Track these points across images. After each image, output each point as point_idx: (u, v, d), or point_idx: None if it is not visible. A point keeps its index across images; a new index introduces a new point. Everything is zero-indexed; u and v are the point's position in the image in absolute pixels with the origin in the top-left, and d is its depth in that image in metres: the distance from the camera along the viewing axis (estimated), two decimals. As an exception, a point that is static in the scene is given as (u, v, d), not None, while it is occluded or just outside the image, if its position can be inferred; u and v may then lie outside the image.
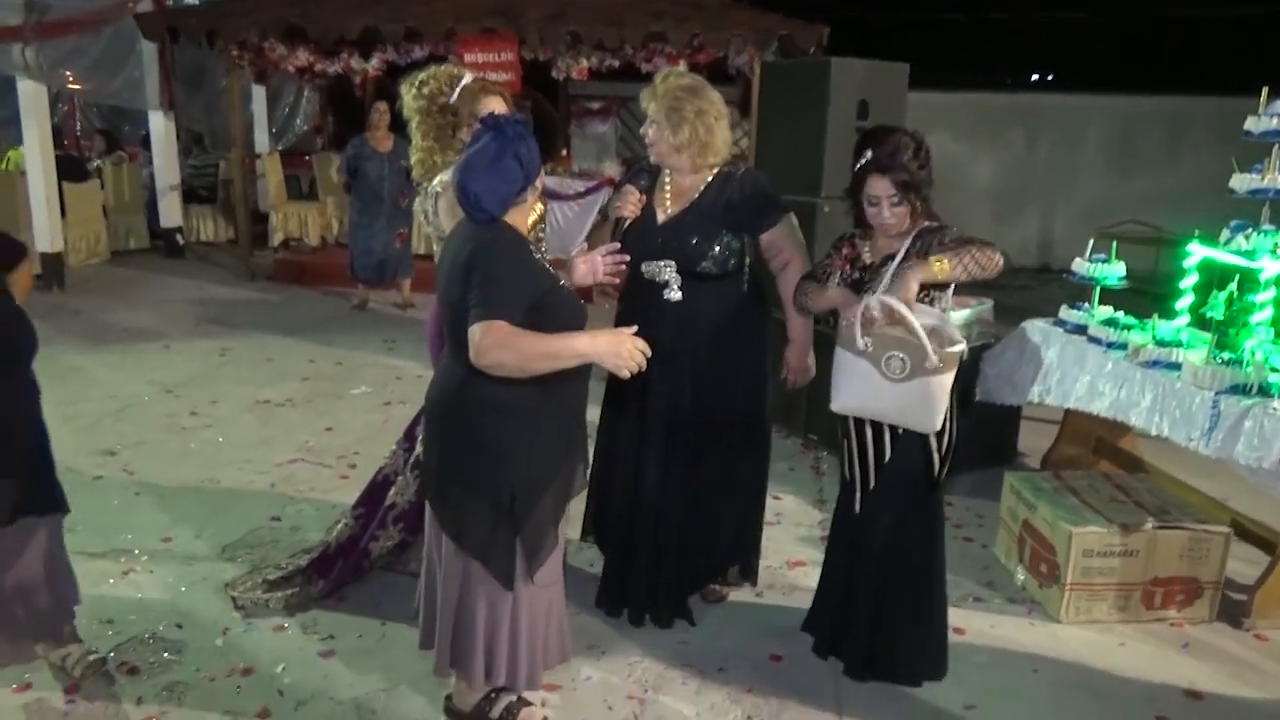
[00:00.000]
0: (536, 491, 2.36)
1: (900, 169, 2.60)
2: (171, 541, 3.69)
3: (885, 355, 2.58)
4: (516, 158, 2.26)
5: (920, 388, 2.57)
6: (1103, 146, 10.87)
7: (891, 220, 2.66)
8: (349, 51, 8.32)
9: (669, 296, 2.96)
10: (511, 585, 2.39)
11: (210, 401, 5.37)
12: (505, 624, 2.42)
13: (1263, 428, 3.13)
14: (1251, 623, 3.32)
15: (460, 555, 2.41)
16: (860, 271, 2.77)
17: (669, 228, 2.97)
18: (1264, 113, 3.55)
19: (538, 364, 2.20)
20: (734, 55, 7.76)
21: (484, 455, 2.35)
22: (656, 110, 2.92)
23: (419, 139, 3.07)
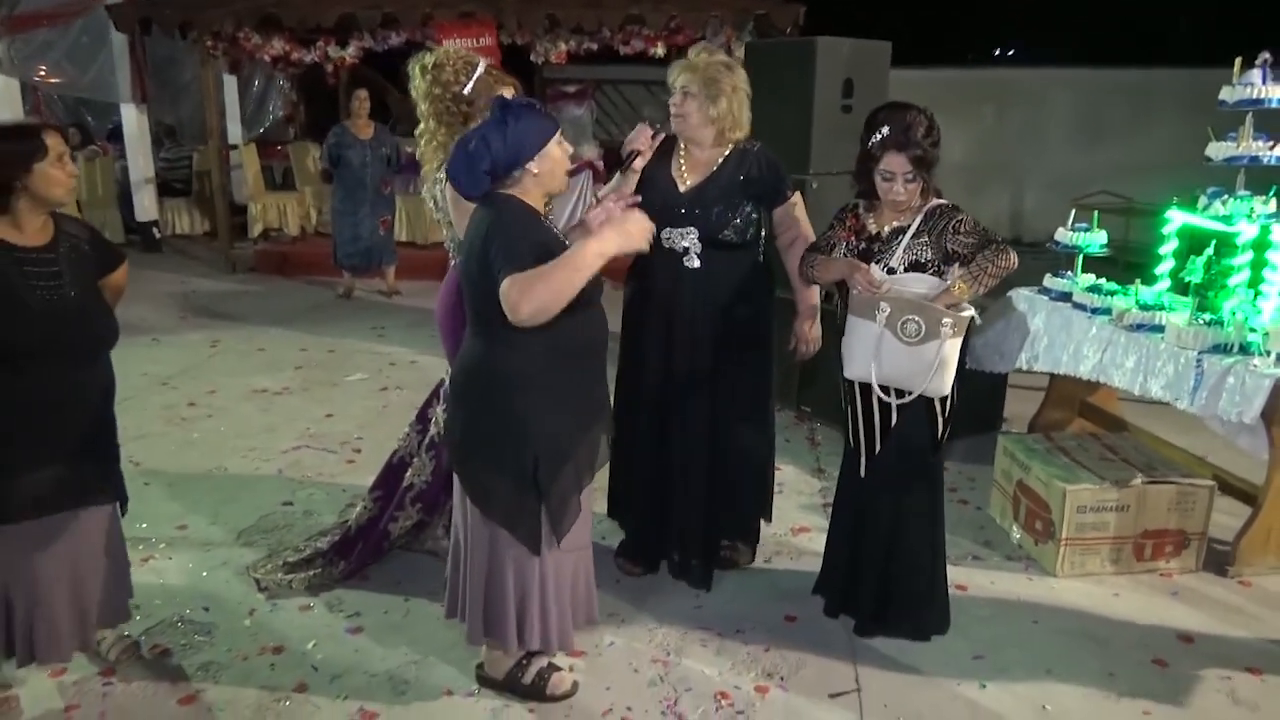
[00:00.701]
0: (559, 460, 2.44)
1: (915, 145, 2.71)
2: (187, 529, 3.74)
3: (901, 320, 2.71)
4: (485, 140, 2.33)
5: (934, 350, 2.69)
6: (1071, 119, 11.05)
7: (904, 196, 2.76)
8: (325, 39, 8.29)
9: (689, 264, 3.06)
10: (539, 550, 2.48)
11: (207, 392, 5.40)
12: (535, 589, 2.51)
13: (1244, 384, 3.28)
14: (1236, 570, 3.49)
15: (487, 524, 2.49)
16: (866, 241, 2.88)
17: (692, 197, 3.07)
18: (1238, 82, 3.69)
19: (567, 284, 2.23)
20: (711, 36, 7.82)
21: (507, 426, 2.43)
22: (692, 82, 3.00)
23: (429, 123, 3.11)
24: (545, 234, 2.40)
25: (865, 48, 5.27)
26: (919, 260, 2.79)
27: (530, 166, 2.38)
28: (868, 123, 2.82)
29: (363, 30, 8.18)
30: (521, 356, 2.40)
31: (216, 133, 8.95)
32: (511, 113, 2.35)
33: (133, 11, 8.56)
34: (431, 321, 3.09)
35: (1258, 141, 3.65)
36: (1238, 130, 3.70)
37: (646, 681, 2.83)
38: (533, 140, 2.37)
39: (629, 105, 12.36)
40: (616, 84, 12.17)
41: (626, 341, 3.25)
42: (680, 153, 3.12)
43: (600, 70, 11.47)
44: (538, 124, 2.38)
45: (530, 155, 2.37)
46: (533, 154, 2.38)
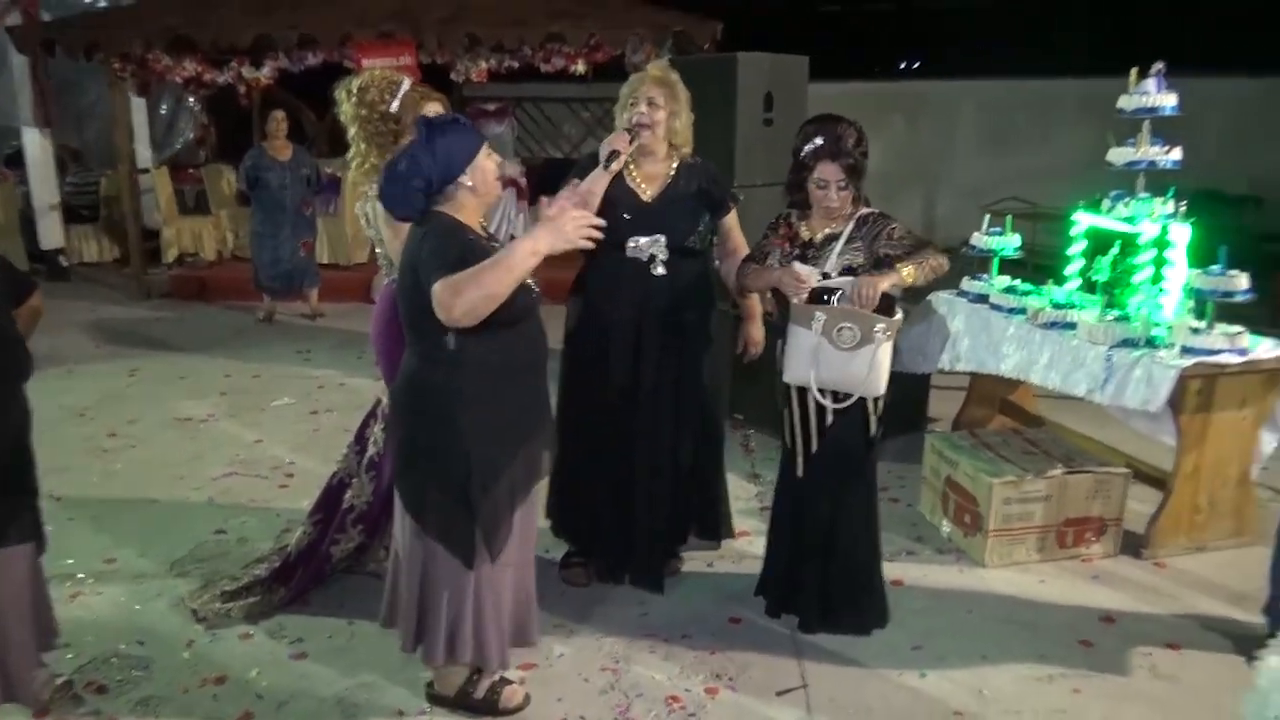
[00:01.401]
0: (494, 475, 2.46)
1: (847, 154, 2.84)
2: (116, 562, 3.64)
3: (837, 327, 2.82)
4: (415, 159, 2.36)
5: (869, 355, 2.81)
6: (978, 128, 11.47)
7: (837, 203, 2.88)
8: (239, 60, 8.14)
9: (655, 271, 3.12)
10: (471, 565, 2.49)
11: (128, 422, 5.25)
12: (468, 603, 2.52)
13: (1151, 375, 3.47)
14: (1151, 552, 3.67)
15: (422, 536, 2.51)
16: (801, 248, 2.98)
17: (657, 207, 3.14)
18: (1134, 91, 3.91)
19: (498, 284, 2.24)
20: (631, 53, 7.92)
21: (443, 441, 2.45)
22: (660, 95, 3.09)
23: (359, 145, 3.13)
24: (477, 247, 2.40)
25: (784, 62, 5.40)
26: (852, 265, 2.90)
27: (464, 180, 2.41)
28: (800, 134, 2.93)
29: (278, 51, 8.05)
30: (458, 372, 2.42)
31: (127, 156, 8.69)
32: (437, 130, 2.38)
33: (35, 33, 8.30)
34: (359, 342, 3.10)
35: (1154, 146, 3.87)
36: (1136, 136, 3.91)
37: (598, 690, 2.85)
38: (463, 154, 2.40)
39: (550, 122, 12.40)
40: (537, 101, 12.19)
41: (580, 354, 3.28)
42: (630, 167, 3.17)
43: (521, 88, 11.47)
44: (465, 137, 2.41)
45: (462, 169, 2.40)
46: (464, 167, 2.41)
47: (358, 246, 9.10)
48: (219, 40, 7.96)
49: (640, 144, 3.12)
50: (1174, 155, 3.86)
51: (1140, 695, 2.84)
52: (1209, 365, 3.47)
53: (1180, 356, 3.49)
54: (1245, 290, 3.50)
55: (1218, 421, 3.58)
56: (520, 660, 2.91)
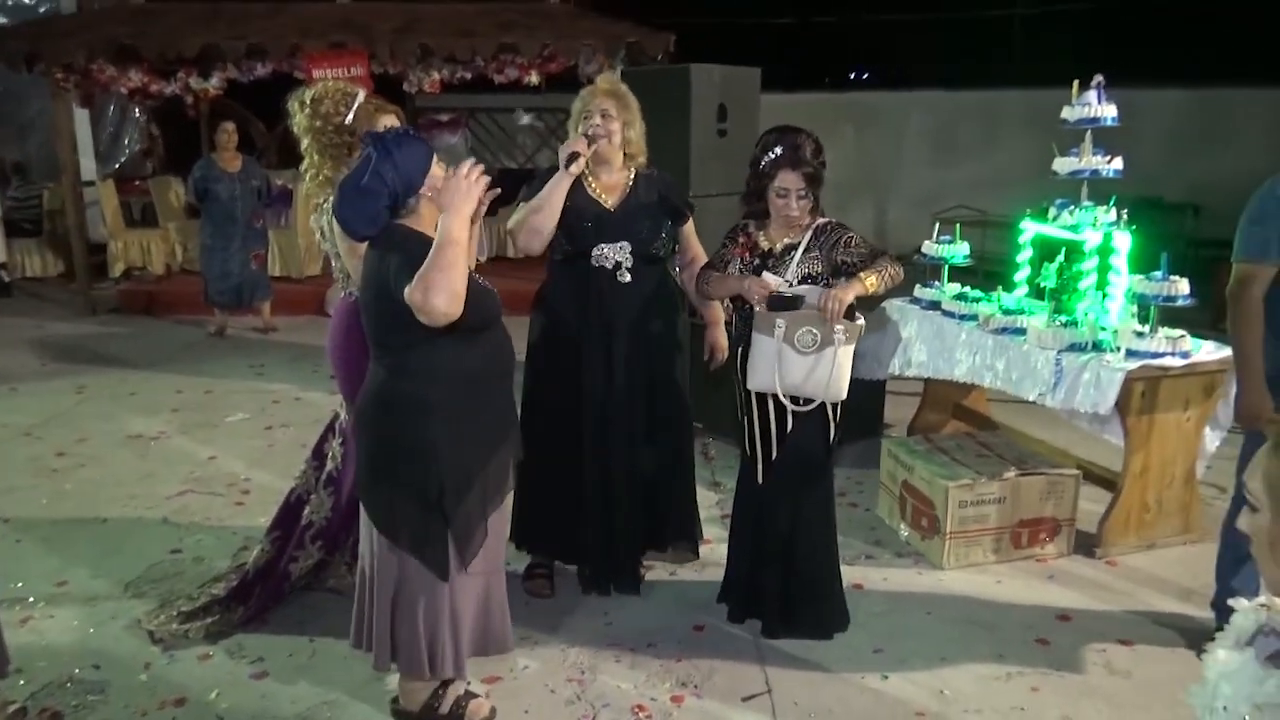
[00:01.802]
0: (465, 485, 2.46)
1: (807, 164, 2.89)
2: (68, 584, 3.55)
3: (798, 331, 2.87)
4: (379, 174, 2.35)
5: (829, 357, 2.85)
6: (926, 139, 11.68)
7: (796, 212, 2.92)
8: (187, 71, 8.02)
9: (621, 279, 3.15)
10: (447, 576, 2.48)
11: (77, 440, 5.14)
12: (445, 615, 2.51)
13: (1099, 378, 3.57)
14: (1103, 551, 3.76)
15: (394, 551, 2.49)
16: (760, 258, 3.02)
17: (622, 214, 3.18)
18: (1076, 103, 4.02)
19: (455, 259, 2.24)
20: (584, 64, 7.94)
21: (411, 453, 2.44)
22: (613, 106, 3.14)
23: (313, 157, 3.11)
24: None
25: (736, 74, 5.48)
26: (811, 274, 2.95)
27: (424, 191, 2.41)
28: (759, 144, 2.98)
29: (227, 61, 7.95)
30: (425, 383, 2.42)
31: (70, 169, 8.50)
32: (394, 142, 2.38)
33: (-28, 44, 8.10)
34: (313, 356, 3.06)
35: (1097, 156, 3.98)
36: (1079, 146, 4.02)
37: (564, 701, 2.86)
38: (421, 164, 2.41)
39: (504, 133, 12.38)
40: (490, 112, 12.17)
41: (548, 364, 3.29)
42: (588, 178, 3.19)
43: (474, 99, 11.45)
44: (419, 148, 2.43)
45: (422, 179, 2.41)
46: (423, 177, 2.41)
47: (310, 259, 9.01)
48: (165, 50, 7.83)
49: (597, 153, 3.15)
50: (1116, 164, 3.97)
51: (1096, 691, 2.91)
52: (1153, 368, 3.57)
53: (1125, 360, 3.59)
54: (1186, 295, 3.61)
55: (1162, 423, 3.69)
56: (485, 673, 2.91)
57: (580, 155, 3.08)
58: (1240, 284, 2.83)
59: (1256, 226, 2.81)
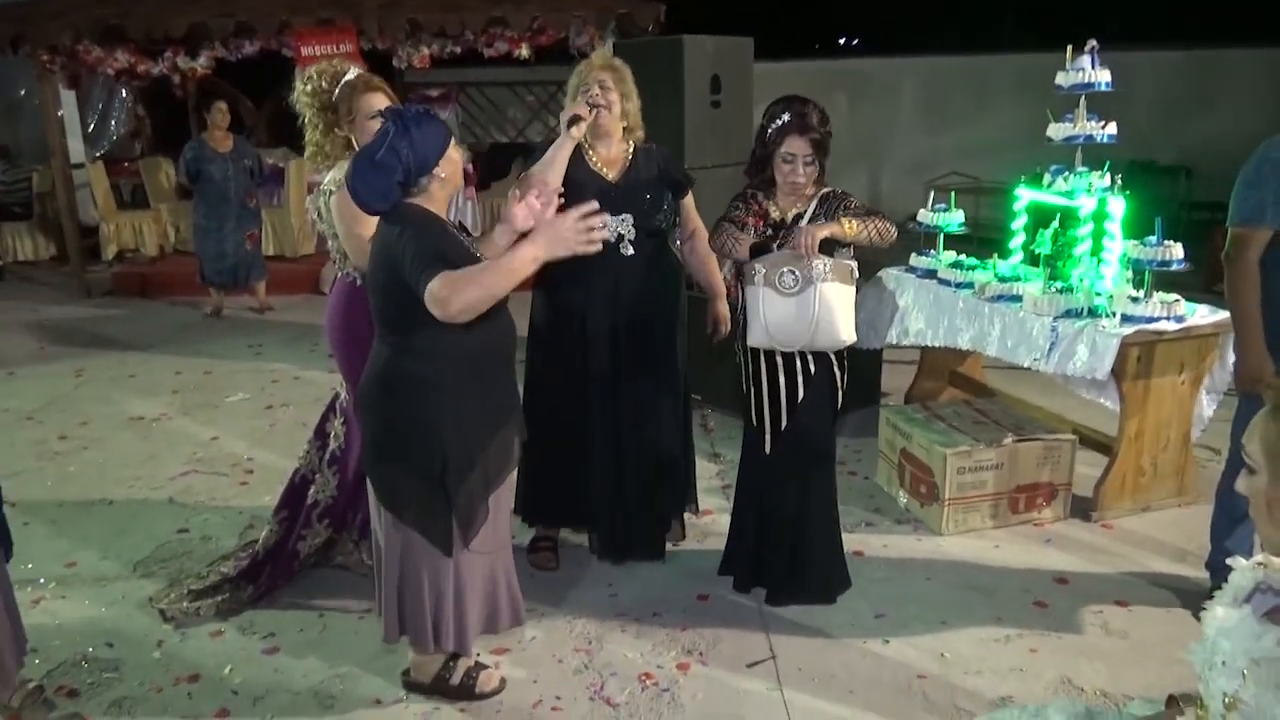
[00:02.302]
0: (467, 463, 2.49)
1: (814, 130, 2.91)
2: (77, 565, 3.59)
3: (778, 274, 2.90)
4: (394, 150, 2.36)
5: (815, 297, 2.88)
6: (917, 105, 11.64)
7: (802, 178, 2.94)
8: (174, 50, 7.95)
9: (624, 251, 3.17)
10: (451, 553, 2.52)
11: (79, 424, 5.15)
12: (449, 590, 2.56)
13: (1095, 344, 3.60)
14: (1099, 515, 3.82)
15: (399, 527, 2.53)
16: (772, 228, 3.03)
17: (623, 187, 3.19)
18: (1070, 68, 4.01)
19: (498, 287, 2.29)
20: (575, 36, 7.90)
21: (415, 431, 2.47)
22: (610, 78, 3.14)
23: (310, 132, 3.15)
24: (453, 240, 2.44)
25: (729, 44, 5.46)
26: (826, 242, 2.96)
27: (438, 171, 2.42)
28: (766, 113, 3.00)
29: (214, 40, 7.88)
30: (429, 362, 2.44)
31: (59, 151, 8.45)
32: (413, 120, 2.38)
33: (-44, 26, 8.01)
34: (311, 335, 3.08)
35: (1091, 122, 3.99)
36: (1073, 112, 4.03)
37: (572, 670, 2.91)
38: (438, 144, 2.41)
39: (494, 107, 12.32)
40: (481, 86, 12.10)
41: (553, 339, 3.30)
42: (588, 152, 3.20)
43: (464, 73, 11.37)
44: (438, 128, 2.43)
45: (437, 160, 2.41)
46: (439, 158, 2.42)
47: (304, 238, 8.99)
48: (152, 30, 7.76)
49: (598, 126, 3.15)
50: (1110, 130, 3.98)
51: (1094, 651, 2.96)
52: (1148, 333, 3.61)
53: (1121, 325, 3.62)
54: (1180, 260, 3.64)
55: (1158, 387, 3.73)
56: (494, 645, 2.96)
57: (582, 119, 3.07)
58: (1236, 248, 2.86)
59: (1251, 190, 2.82)
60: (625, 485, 3.33)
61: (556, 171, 3.06)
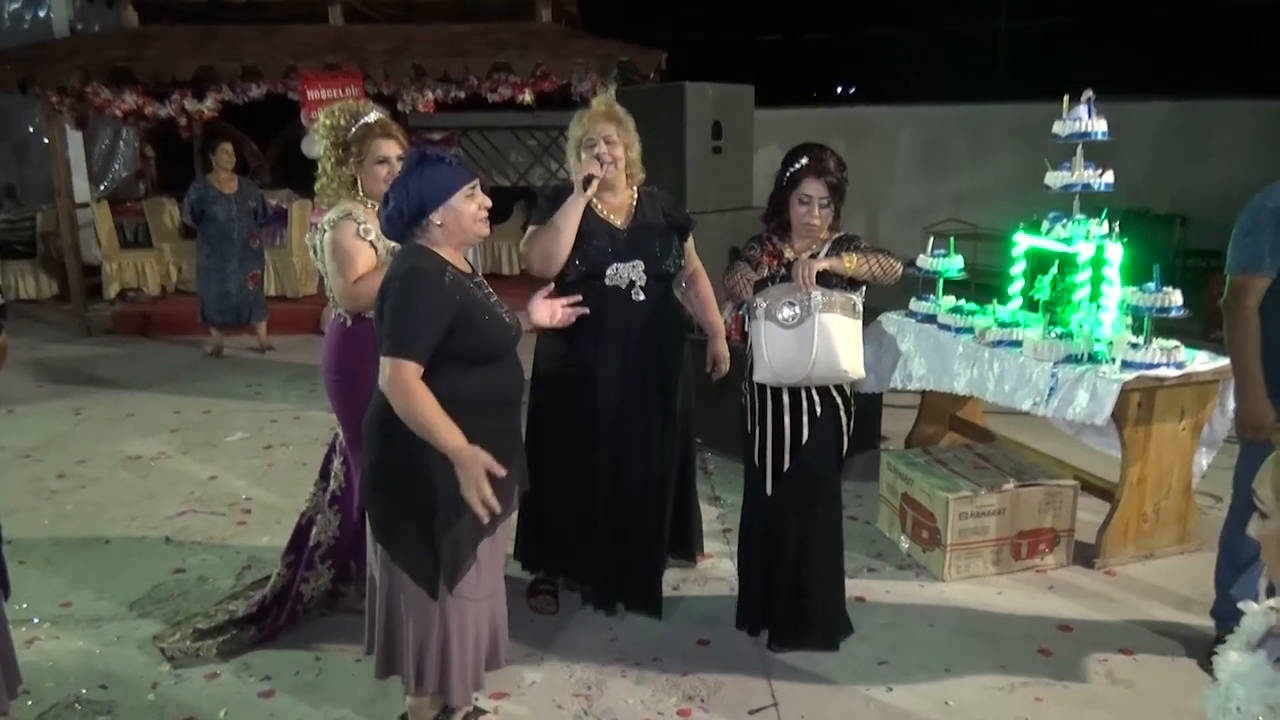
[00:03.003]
0: (455, 509, 2.44)
1: (830, 174, 2.96)
2: (72, 605, 3.56)
3: (778, 307, 2.93)
4: (394, 187, 2.41)
5: (815, 328, 2.89)
6: (916, 152, 11.79)
7: (817, 221, 2.98)
8: (182, 93, 8.05)
9: (635, 297, 3.18)
10: (436, 595, 2.49)
11: (76, 462, 5.13)
12: (434, 634, 2.52)
13: (1095, 389, 3.61)
14: (1102, 561, 3.80)
15: (389, 565, 2.51)
16: (786, 268, 3.05)
17: (632, 233, 3.21)
18: (1067, 117, 4.07)
19: (415, 425, 2.34)
20: (577, 82, 8.00)
21: (410, 471, 2.45)
22: (617, 130, 3.17)
23: (322, 163, 3.17)
24: (446, 299, 2.39)
25: (730, 91, 5.53)
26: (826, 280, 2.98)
27: (434, 217, 2.43)
28: (785, 159, 3.06)
29: (222, 83, 7.98)
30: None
31: (65, 191, 8.52)
32: (420, 164, 2.41)
33: (-34, 67, 8.11)
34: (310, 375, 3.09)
35: (1088, 170, 4.04)
36: (1070, 160, 4.08)
37: (571, 716, 2.87)
38: (436, 191, 2.41)
39: (496, 151, 12.44)
40: (483, 130, 12.24)
41: (560, 385, 3.27)
42: (596, 201, 3.21)
43: (467, 117, 11.50)
44: (444, 175, 2.42)
45: (434, 206, 2.42)
46: (436, 205, 2.42)
47: (306, 278, 9.04)
48: (160, 73, 7.85)
49: (605, 178, 3.18)
50: (1107, 178, 4.02)
51: (1099, 700, 2.93)
52: (1148, 379, 3.62)
53: (1121, 371, 3.63)
54: (1179, 306, 3.67)
55: (1158, 433, 3.73)
56: (493, 689, 2.92)
57: (595, 177, 3.10)
58: (1235, 295, 2.88)
59: (1249, 239, 2.86)
60: (628, 534, 3.30)
61: (569, 234, 3.09)
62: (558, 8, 9.53)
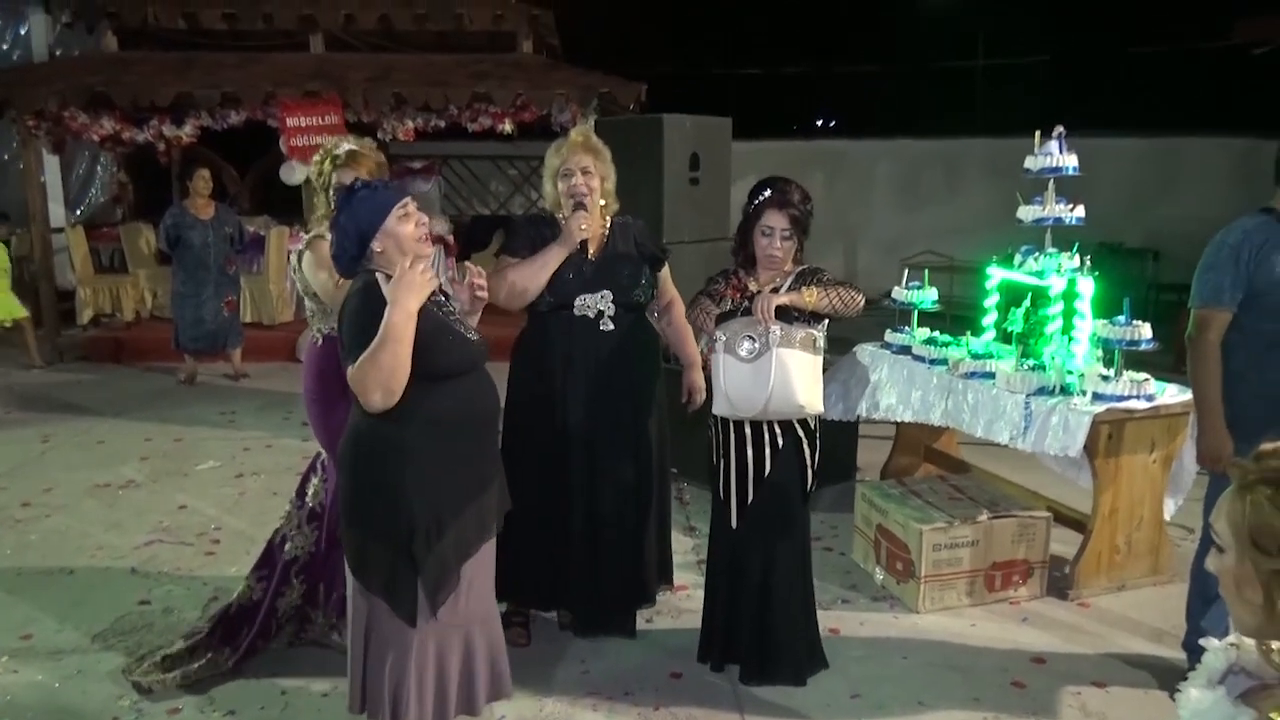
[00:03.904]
0: (436, 531, 2.43)
1: (793, 206, 2.99)
2: (32, 638, 3.48)
3: (737, 341, 2.94)
4: (339, 224, 2.44)
5: (772, 363, 2.90)
6: (892, 185, 11.92)
7: (779, 253, 2.99)
8: (160, 118, 8.03)
9: (604, 327, 3.18)
10: (415, 623, 2.44)
11: (42, 490, 5.05)
12: (412, 664, 2.46)
13: (1068, 422, 3.63)
14: (1076, 593, 3.80)
15: (365, 595, 2.47)
16: (749, 300, 3.06)
17: (602, 263, 3.22)
18: (1039, 152, 4.13)
19: (393, 357, 2.27)
20: (557, 113, 8.06)
21: (385, 496, 2.42)
22: (594, 162, 3.18)
23: (316, 197, 3.28)
24: None
25: (708, 123, 5.58)
26: (787, 314, 2.99)
27: (374, 245, 2.43)
28: (751, 192, 3.09)
29: (200, 109, 7.97)
30: (402, 427, 2.40)
31: (40, 215, 8.45)
32: (350, 197, 2.44)
33: (-58, 91, 8.07)
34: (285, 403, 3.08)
35: (1059, 204, 4.08)
36: (1042, 195, 4.13)
37: (542, 751, 2.83)
38: (369, 218, 2.42)
39: (477, 180, 12.49)
40: (464, 159, 12.28)
41: (529, 413, 3.27)
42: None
43: (448, 146, 11.54)
44: (372, 201, 2.43)
45: (371, 234, 2.42)
46: (372, 233, 2.42)
47: (283, 305, 9.00)
48: (139, 99, 7.85)
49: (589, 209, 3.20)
50: (1078, 212, 4.07)
51: (1071, 733, 2.92)
52: (1119, 411, 3.65)
53: (1092, 403, 3.66)
54: (1148, 339, 3.70)
55: (1129, 464, 3.75)
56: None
57: (585, 206, 3.14)
58: (1198, 329, 2.93)
59: (1210, 273, 2.91)
60: (600, 560, 3.29)
61: (544, 279, 3.13)
62: (539, 40, 9.61)
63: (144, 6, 9.21)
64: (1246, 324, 2.89)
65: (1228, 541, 1.27)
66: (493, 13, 9.31)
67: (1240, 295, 2.87)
